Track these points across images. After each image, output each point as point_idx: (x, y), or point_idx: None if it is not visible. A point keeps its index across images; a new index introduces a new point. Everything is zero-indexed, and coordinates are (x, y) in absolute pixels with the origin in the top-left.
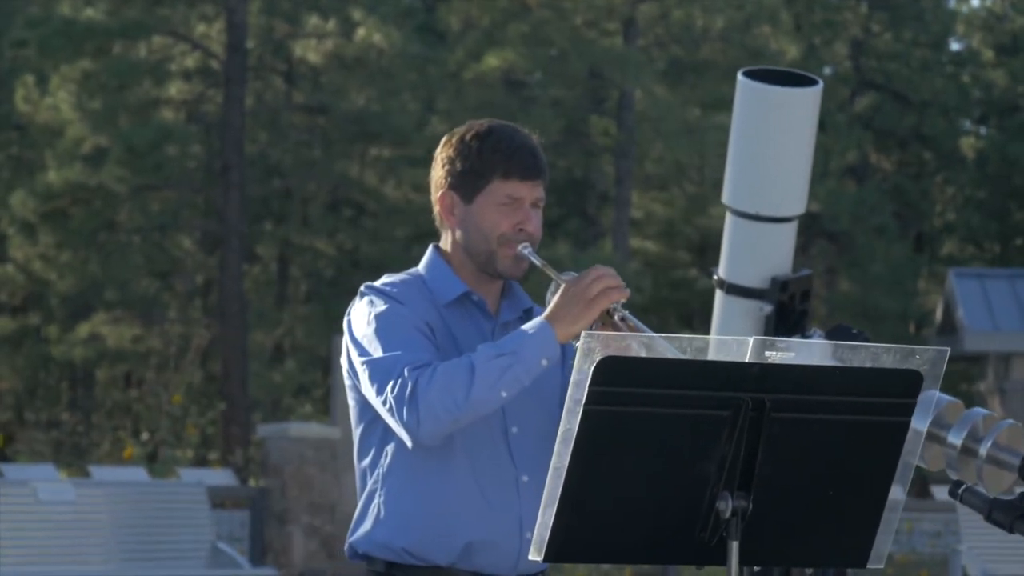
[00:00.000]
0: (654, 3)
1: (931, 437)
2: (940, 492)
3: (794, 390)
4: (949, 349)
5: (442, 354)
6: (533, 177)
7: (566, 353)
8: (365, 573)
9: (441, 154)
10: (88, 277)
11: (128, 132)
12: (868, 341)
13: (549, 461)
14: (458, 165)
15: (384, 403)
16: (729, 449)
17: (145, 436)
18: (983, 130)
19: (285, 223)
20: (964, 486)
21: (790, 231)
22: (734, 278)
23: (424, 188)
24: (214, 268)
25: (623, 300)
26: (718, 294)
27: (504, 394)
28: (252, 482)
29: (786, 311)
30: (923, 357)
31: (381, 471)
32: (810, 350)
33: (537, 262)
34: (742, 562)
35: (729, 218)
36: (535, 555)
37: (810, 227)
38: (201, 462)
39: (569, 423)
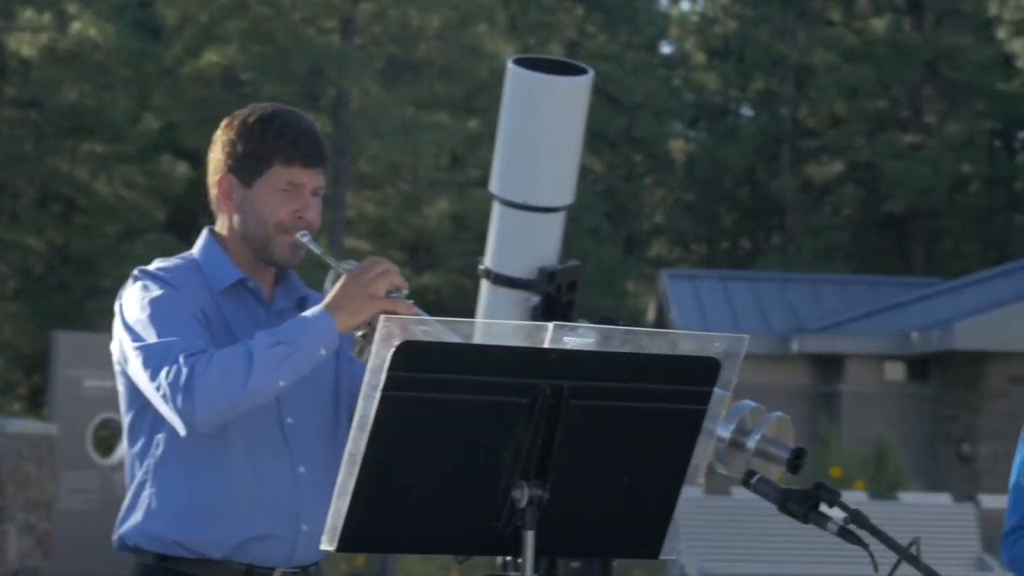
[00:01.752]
0: (372, 2)
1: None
2: None
3: (593, 376)
4: (747, 336)
5: (216, 341)
6: (315, 164)
7: (342, 344)
8: (134, 566)
9: (221, 136)
10: None
11: None
12: None
13: (325, 452)
14: (239, 148)
15: (158, 389)
16: (526, 437)
17: None
18: (693, 133)
19: None
20: (757, 475)
21: (558, 221)
22: (501, 268)
23: (136, 185)
24: None
25: (410, 313)
26: (484, 284)
27: (282, 382)
28: None
29: (553, 302)
30: (721, 344)
31: (152, 461)
32: (609, 337)
33: (316, 250)
34: (537, 552)
35: (496, 208)
36: (328, 544)
37: None
38: None
39: (365, 409)
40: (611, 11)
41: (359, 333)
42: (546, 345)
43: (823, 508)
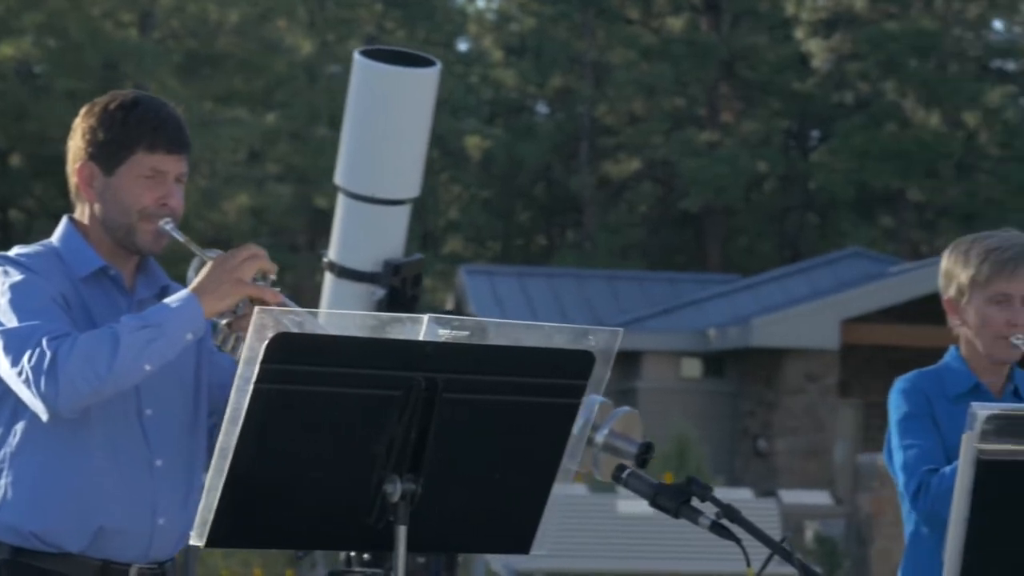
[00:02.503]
0: None
1: None
2: None
3: (468, 370)
4: (622, 330)
5: (77, 329)
6: (179, 151)
7: (204, 335)
8: None
9: (81, 124)
10: None
11: None
12: None
13: (185, 445)
14: (100, 135)
15: (20, 374)
16: (399, 430)
17: None
18: (490, 130)
19: None
20: (628, 470)
21: (404, 214)
22: (346, 261)
23: None
24: None
25: (276, 302)
26: (328, 277)
27: (148, 367)
28: None
29: (398, 295)
30: (596, 337)
31: (9, 451)
32: (485, 329)
33: (180, 238)
34: (409, 548)
35: (341, 200)
36: (197, 540)
37: (320, 223)
38: None
39: (237, 402)
40: (409, 7)
41: (223, 321)
42: (421, 338)
43: (695, 503)
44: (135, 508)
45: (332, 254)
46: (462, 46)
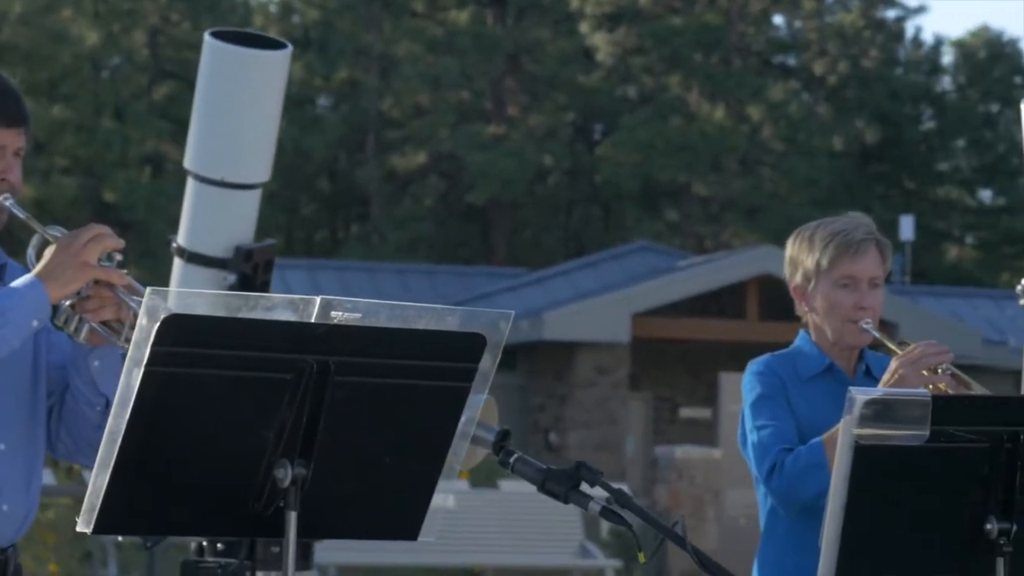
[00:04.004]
0: None
1: None
2: None
3: (360, 352)
4: (513, 312)
5: None
6: (17, 123)
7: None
8: None
9: None
10: None
11: None
12: None
13: (26, 429)
14: None
15: None
16: (290, 415)
17: None
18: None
19: None
20: (516, 455)
21: (255, 199)
22: (196, 246)
23: None
24: None
25: (123, 284)
26: (177, 263)
27: None
28: None
29: (249, 281)
30: (486, 319)
31: None
32: (377, 311)
33: (21, 214)
34: (298, 534)
35: (191, 184)
36: (84, 527)
37: (105, 216)
38: None
39: (127, 385)
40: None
41: (67, 303)
42: (313, 320)
43: (584, 488)
44: None
45: (181, 239)
46: None
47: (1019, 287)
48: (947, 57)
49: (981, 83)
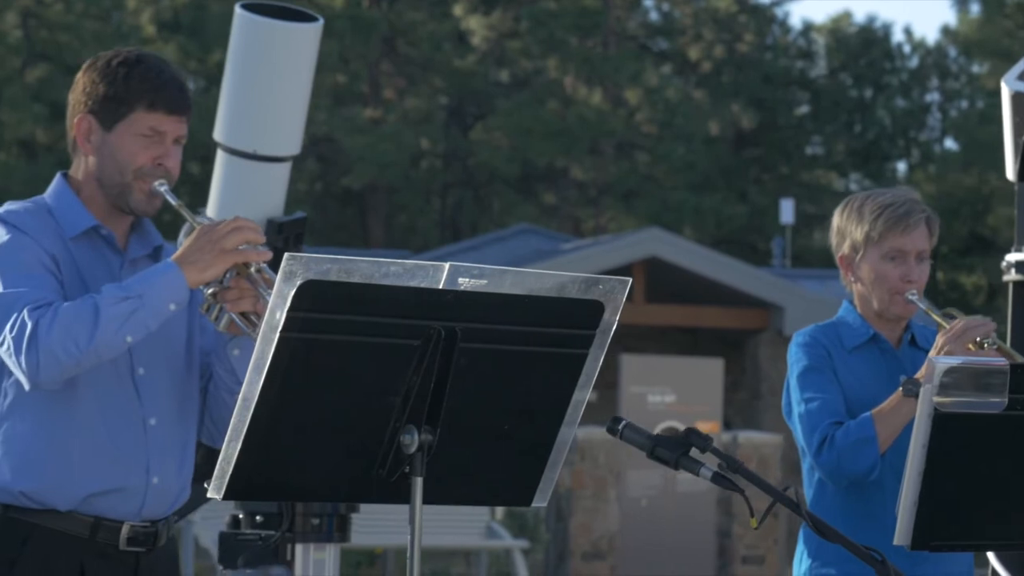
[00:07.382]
0: None
1: None
2: None
3: (485, 319)
4: (631, 279)
5: (67, 290)
6: (179, 112)
7: (195, 297)
8: None
9: (83, 77)
10: None
11: None
12: None
13: (177, 405)
14: (101, 89)
15: (2, 343)
16: (416, 380)
17: None
18: None
19: None
20: (624, 422)
21: (285, 171)
22: None
23: None
24: None
25: (263, 260)
26: None
27: (130, 338)
28: None
29: (280, 256)
30: (605, 287)
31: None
32: (501, 277)
33: (173, 201)
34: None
35: (221, 157)
36: (215, 493)
37: None
38: None
39: (263, 350)
40: None
41: (209, 291)
42: (441, 286)
43: (694, 454)
44: (129, 468)
45: (211, 211)
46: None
47: (1004, 263)
48: (818, 43)
49: (853, 68)
